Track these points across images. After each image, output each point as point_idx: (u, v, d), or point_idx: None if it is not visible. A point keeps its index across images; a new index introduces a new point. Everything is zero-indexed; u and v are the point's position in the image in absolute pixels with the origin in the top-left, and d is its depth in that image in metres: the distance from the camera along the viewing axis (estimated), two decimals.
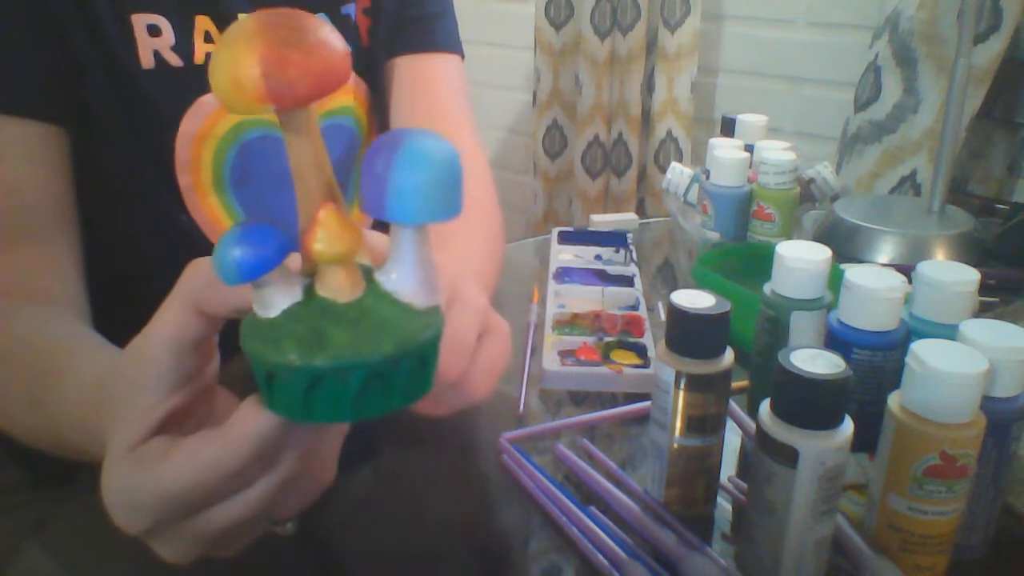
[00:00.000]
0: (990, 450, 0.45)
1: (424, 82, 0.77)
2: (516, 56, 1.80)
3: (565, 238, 0.95)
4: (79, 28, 0.58)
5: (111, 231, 0.65)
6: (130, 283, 0.65)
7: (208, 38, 0.63)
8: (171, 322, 0.34)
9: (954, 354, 0.43)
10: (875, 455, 0.46)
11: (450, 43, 0.80)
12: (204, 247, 0.64)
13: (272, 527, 0.38)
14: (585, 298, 0.79)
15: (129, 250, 0.67)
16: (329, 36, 0.30)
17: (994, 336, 0.44)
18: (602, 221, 1.03)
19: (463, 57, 0.82)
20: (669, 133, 1.55)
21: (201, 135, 0.63)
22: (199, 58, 0.63)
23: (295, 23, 0.29)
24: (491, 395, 0.40)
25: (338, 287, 0.32)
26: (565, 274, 0.84)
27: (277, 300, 0.32)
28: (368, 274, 0.34)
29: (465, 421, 0.64)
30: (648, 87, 1.58)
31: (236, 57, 0.28)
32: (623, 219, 1.04)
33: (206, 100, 0.63)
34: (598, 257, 0.91)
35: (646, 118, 1.60)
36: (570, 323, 0.74)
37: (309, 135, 0.31)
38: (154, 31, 0.61)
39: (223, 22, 0.63)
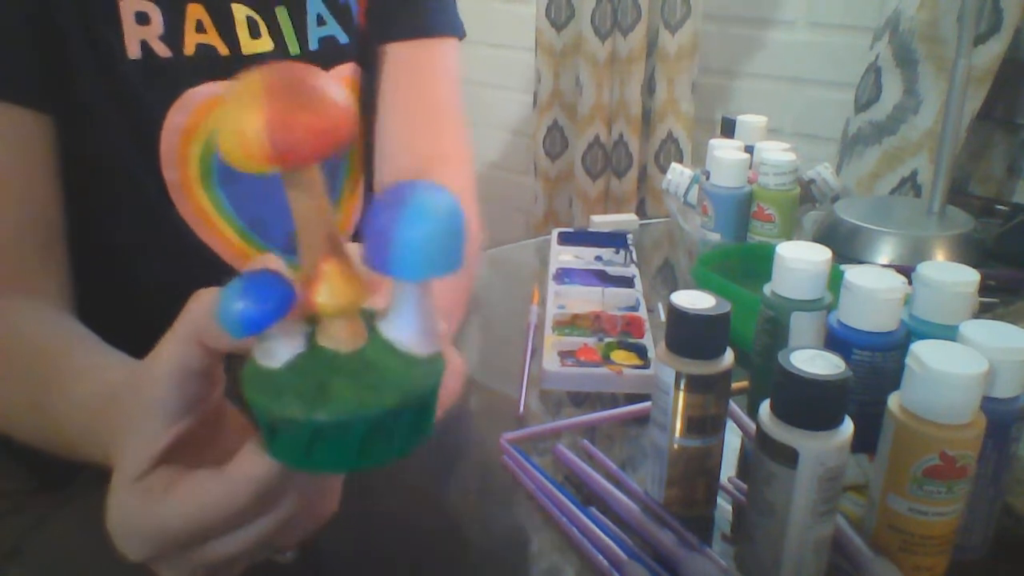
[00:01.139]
0: (990, 451, 0.45)
1: (416, 75, 0.74)
2: (517, 57, 1.80)
3: (565, 239, 0.95)
4: (67, 13, 0.56)
5: (100, 225, 0.63)
6: (119, 277, 0.65)
7: (200, 27, 0.61)
8: (174, 353, 0.34)
9: (954, 355, 0.43)
10: (875, 456, 0.46)
11: (446, 24, 0.77)
12: (192, 244, 0.63)
13: (272, 555, 0.38)
14: (585, 299, 0.79)
15: (118, 244, 0.65)
16: (335, 94, 0.30)
17: (994, 337, 0.44)
18: (602, 222, 1.03)
19: (462, 36, 0.78)
20: (669, 134, 1.55)
21: (188, 129, 0.61)
22: (189, 49, 0.60)
23: (301, 82, 0.30)
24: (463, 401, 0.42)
25: (340, 338, 0.33)
26: (565, 275, 0.84)
27: (279, 351, 0.33)
28: (370, 320, 0.34)
29: (465, 421, 0.64)
30: (648, 88, 1.58)
31: (242, 117, 0.28)
32: (623, 220, 1.04)
33: (194, 93, 0.61)
34: (598, 258, 0.91)
35: (646, 119, 1.60)
36: (570, 324, 0.74)
37: (313, 190, 0.31)
38: (143, 19, 0.59)
39: (216, 11, 0.61)
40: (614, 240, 0.94)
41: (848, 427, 0.43)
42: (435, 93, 0.76)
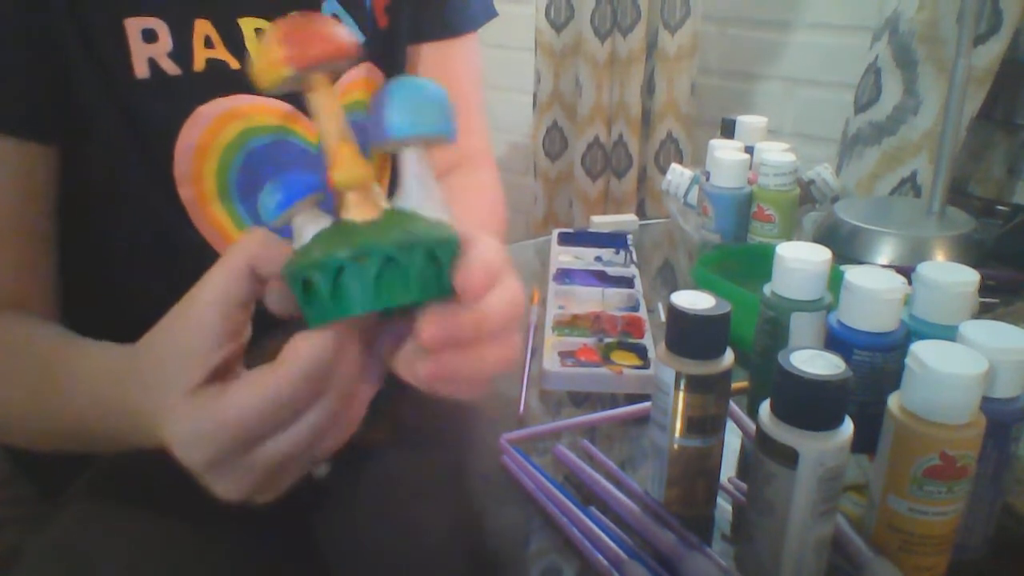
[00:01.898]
0: (990, 451, 0.45)
1: (445, 74, 0.75)
2: (516, 57, 1.80)
3: (565, 239, 0.95)
4: (68, 35, 0.55)
5: (113, 247, 0.63)
6: (137, 297, 0.63)
7: (208, 43, 0.60)
8: (221, 284, 0.38)
9: (954, 355, 0.43)
10: (875, 456, 0.46)
11: (472, 20, 0.78)
12: (212, 262, 0.63)
13: (311, 468, 0.42)
14: (585, 299, 0.79)
15: (133, 266, 0.65)
16: (337, 26, 0.38)
17: (994, 337, 0.44)
18: (602, 222, 1.03)
19: (492, 16, 0.80)
20: (669, 134, 1.55)
21: (202, 146, 0.60)
22: (199, 65, 0.60)
23: (309, 16, 0.38)
24: (503, 371, 0.42)
25: (359, 208, 0.39)
26: (565, 275, 0.84)
27: (308, 230, 0.39)
28: (386, 201, 0.40)
29: (465, 421, 0.64)
30: (648, 88, 1.58)
31: (265, 42, 0.37)
32: (623, 220, 1.04)
33: (206, 110, 0.60)
34: (598, 258, 0.91)
35: (646, 119, 1.60)
36: (570, 324, 0.74)
37: (326, 92, 0.39)
38: (150, 37, 0.58)
39: (225, 27, 0.61)
40: (614, 240, 0.94)
41: (848, 427, 0.43)
42: (462, 91, 0.76)
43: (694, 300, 0.49)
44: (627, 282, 0.83)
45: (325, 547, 0.50)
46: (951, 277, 0.51)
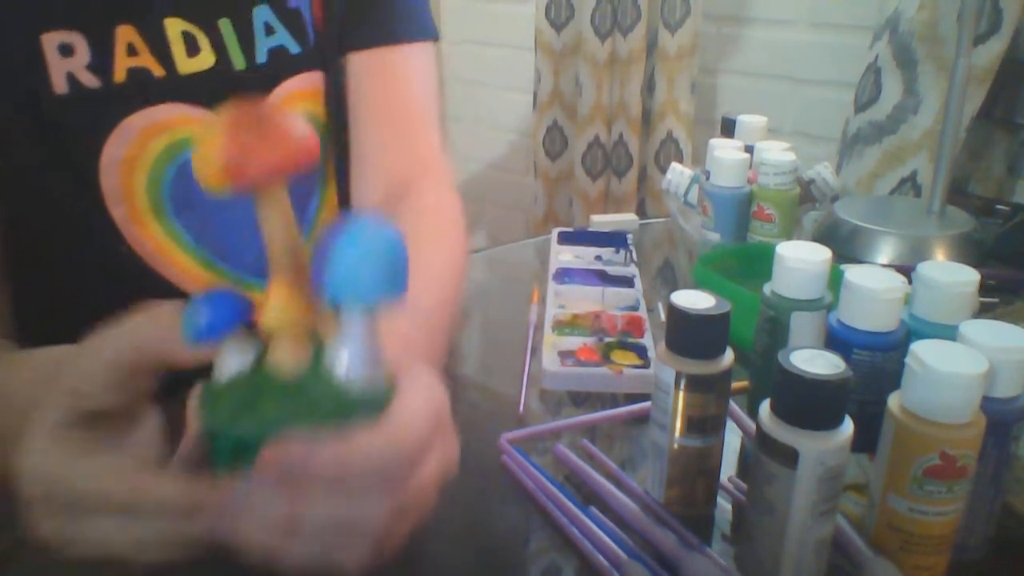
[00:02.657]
0: (990, 450, 0.45)
1: (387, 83, 0.70)
2: (516, 57, 1.80)
3: (565, 239, 0.95)
4: None
5: (48, 269, 0.60)
6: (76, 316, 0.60)
7: (132, 51, 0.56)
8: (113, 349, 0.35)
9: (954, 354, 0.43)
10: (875, 455, 0.46)
11: (415, 30, 0.72)
12: (151, 280, 0.60)
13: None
14: (585, 298, 0.79)
15: (69, 289, 0.61)
16: (293, 128, 0.34)
17: (994, 336, 0.44)
18: (602, 221, 1.03)
19: (436, 39, 0.73)
20: (669, 134, 1.55)
21: (129, 160, 0.57)
22: (119, 76, 0.56)
23: (262, 116, 0.34)
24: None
25: (284, 358, 0.36)
26: (565, 275, 0.84)
27: (230, 365, 0.36)
28: (319, 346, 0.36)
29: (465, 421, 0.64)
30: (648, 88, 1.58)
31: (207, 144, 0.33)
32: (623, 220, 1.04)
33: (129, 123, 0.57)
34: (598, 258, 0.91)
35: (646, 119, 1.60)
36: (570, 324, 0.74)
37: (277, 210, 0.35)
38: (67, 51, 0.54)
39: (149, 31, 0.57)
40: (614, 240, 0.94)
41: (848, 427, 0.43)
42: (407, 100, 0.72)
43: (694, 299, 0.49)
44: (627, 281, 0.83)
45: None
46: (951, 276, 0.51)
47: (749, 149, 0.92)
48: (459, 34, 1.90)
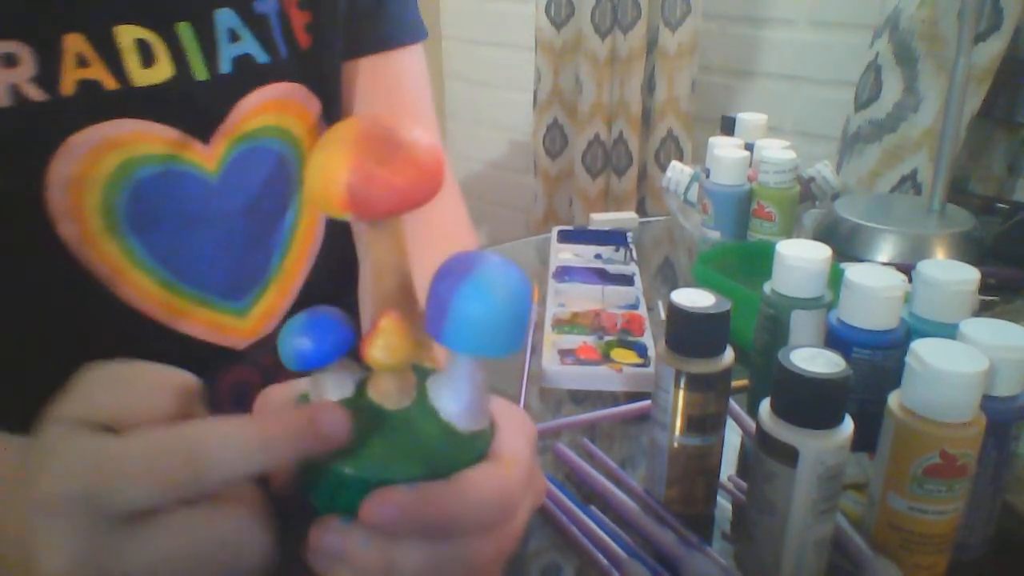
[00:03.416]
0: (990, 449, 0.45)
1: (386, 90, 0.69)
2: (516, 56, 1.80)
3: (565, 237, 0.95)
4: None
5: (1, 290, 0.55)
6: (30, 339, 0.57)
7: (82, 62, 0.52)
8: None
9: (954, 353, 0.43)
10: (875, 454, 0.46)
11: (410, 32, 0.71)
12: (105, 302, 0.56)
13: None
14: (585, 297, 0.79)
15: (25, 307, 0.56)
16: (422, 152, 0.31)
17: (994, 335, 0.44)
18: (602, 220, 1.03)
19: (425, 37, 0.72)
20: (669, 132, 1.55)
21: (78, 178, 0.53)
22: (67, 89, 0.51)
23: (390, 136, 0.31)
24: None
25: (387, 394, 0.34)
26: (565, 273, 0.84)
27: (329, 391, 0.34)
28: (424, 378, 0.35)
29: None
30: (648, 86, 1.58)
31: (329, 164, 0.30)
32: (623, 218, 1.04)
33: (78, 139, 0.52)
34: (598, 256, 0.91)
35: (646, 117, 1.60)
36: (570, 322, 0.74)
37: (392, 239, 0.33)
38: (10, 61, 0.50)
39: (100, 39, 0.52)
40: (614, 238, 0.94)
41: (848, 426, 0.43)
42: (408, 103, 0.70)
43: (694, 298, 0.49)
44: (627, 280, 0.83)
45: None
46: (951, 275, 0.51)
47: (749, 147, 0.92)
48: (459, 33, 1.90)
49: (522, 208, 1.87)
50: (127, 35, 0.53)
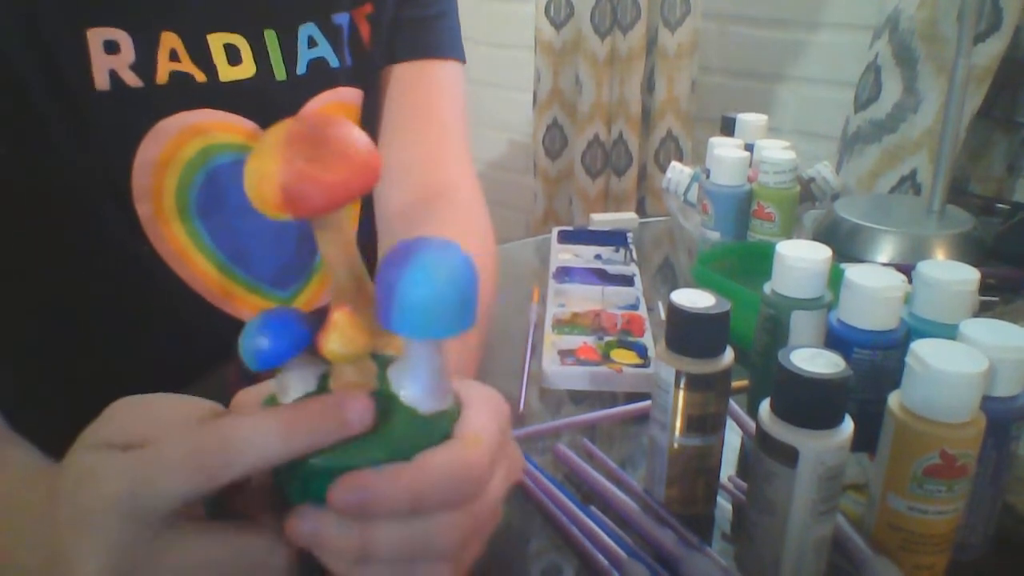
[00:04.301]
0: (990, 450, 0.45)
1: (418, 95, 0.72)
2: (516, 56, 1.80)
3: (565, 237, 0.95)
4: (20, 43, 0.52)
5: (62, 261, 0.59)
6: (88, 315, 0.61)
7: (174, 56, 0.57)
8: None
9: (954, 353, 0.43)
10: (875, 455, 0.46)
11: (450, 48, 0.75)
12: (166, 279, 0.61)
13: None
14: (585, 297, 0.79)
15: (86, 283, 0.61)
16: (354, 148, 0.32)
17: (994, 335, 0.44)
18: (602, 220, 1.03)
19: (464, 61, 0.77)
20: (669, 132, 1.55)
21: (163, 161, 0.58)
22: (161, 78, 0.56)
23: (323, 134, 0.31)
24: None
25: (346, 383, 0.35)
26: (565, 273, 0.84)
27: (292, 387, 0.35)
28: (383, 366, 0.36)
29: None
30: (648, 86, 1.58)
31: (262, 167, 0.31)
32: (623, 218, 1.04)
33: (167, 124, 0.57)
34: (598, 256, 0.91)
35: (646, 117, 1.60)
36: (570, 323, 0.74)
37: (337, 234, 0.33)
38: (112, 48, 0.54)
39: (192, 40, 0.58)
40: (614, 238, 0.94)
41: (848, 426, 0.43)
42: (441, 114, 0.73)
43: (694, 298, 0.49)
44: (627, 280, 0.83)
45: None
46: (951, 275, 0.51)
47: (749, 148, 0.92)
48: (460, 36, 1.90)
49: (522, 208, 1.87)
50: (217, 41, 0.59)
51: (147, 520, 0.32)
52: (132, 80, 0.55)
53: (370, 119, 0.71)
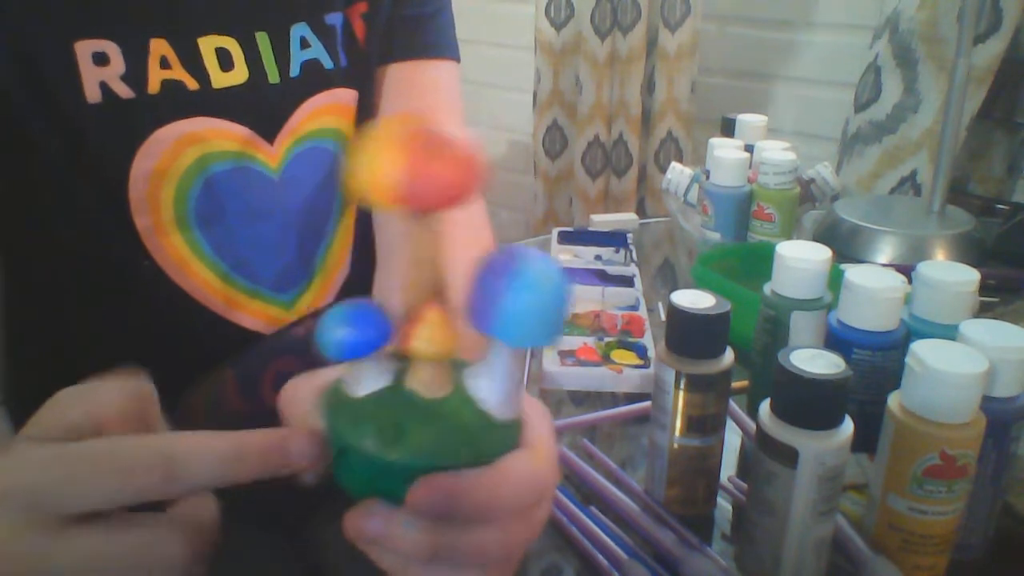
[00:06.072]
0: (990, 450, 0.45)
1: (413, 95, 0.72)
2: (516, 56, 1.80)
3: (565, 238, 0.95)
4: (7, 59, 0.51)
5: (60, 278, 0.59)
6: (91, 327, 0.61)
7: (165, 63, 0.56)
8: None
9: (954, 354, 0.43)
10: (875, 455, 0.46)
11: (444, 48, 0.75)
12: (169, 292, 0.60)
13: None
14: (585, 298, 0.79)
15: (88, 299, 0.60)
16: (470, 151, 0.32)
17: (994, 336, 0.44)
18: (602, 221, 1.03)
19: (459, 61, 0.77)
20: (669, 133, 1.55)
21: (159, 172, 0.57)
22: (153, 87, 0.55)
23: (438, 133, 0.32)
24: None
25: (427, 383, 0.34)
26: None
27: (367, 381, 0.35)
28: (459, 369, 0.35)
29: None
30: (648, 87, 1.58)
31: (381, 158, 0.31)
32: (623, 219, 1.04)
33: (161, 134, 0.56)
34: (598, 257, 0.91)
35: (646, 118, 1.60)
36: (570, 323, 0.74)
37: (433, 234, 0.33)
38: (101, 60, 0.53)
39: (182, 46, 0.56)
40: (614, 239, 0.94)
41: (848, 426, 0.43)
42: (437, 115, 0.72)
43: (694, 299, 0.49)
44: (627, 281, 0.83)
45: (320, 549, 0.50)
46: (951, 276, 0.51)
47: (749, 148, 0.92)
48: (459, 34, 1.90)
49: (522, 209, 1.87)
50: (209, 44, 0.57)
51: (48, 516, 0.31)
52: (124, 91, 0.54)
53: (365, 120, 0.70)
